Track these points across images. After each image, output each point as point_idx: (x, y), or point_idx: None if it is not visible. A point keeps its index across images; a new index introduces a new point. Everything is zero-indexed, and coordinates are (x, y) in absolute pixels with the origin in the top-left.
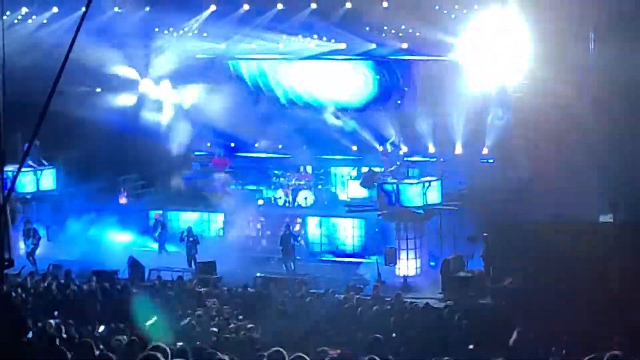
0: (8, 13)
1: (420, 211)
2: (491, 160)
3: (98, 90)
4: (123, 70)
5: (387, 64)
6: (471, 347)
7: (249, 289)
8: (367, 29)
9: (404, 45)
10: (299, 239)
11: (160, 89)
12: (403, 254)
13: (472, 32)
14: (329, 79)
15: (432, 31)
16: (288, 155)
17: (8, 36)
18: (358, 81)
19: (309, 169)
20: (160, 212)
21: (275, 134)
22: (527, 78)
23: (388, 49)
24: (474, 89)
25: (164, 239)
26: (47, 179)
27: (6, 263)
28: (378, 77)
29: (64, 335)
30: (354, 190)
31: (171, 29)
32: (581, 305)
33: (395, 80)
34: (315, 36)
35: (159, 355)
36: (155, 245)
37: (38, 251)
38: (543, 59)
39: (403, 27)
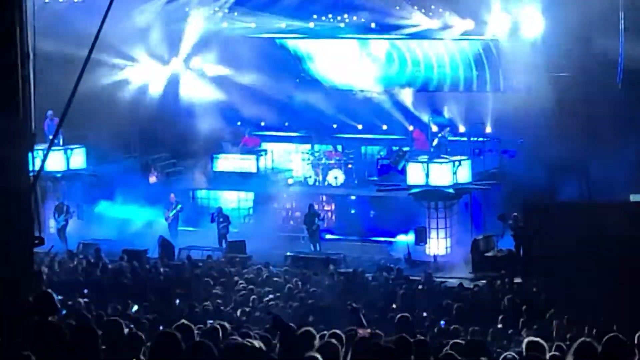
0: None
1: (451, 190)
2: (520, 140)
3: (129, 66)
4: (154, 49)
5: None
6: (500, 326)
7: (271, 267)
8: (397, 8)
9: (435, 24)
10: (322, 218)
11: (191, 67)
12: (433, 233)
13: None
14: (357, 59)
15: (461, 11)
16: (318, 134)
17: (39, 15)
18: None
19: (339, 147)
20: (173, 194)
21: (305, 112)
22: (557, 57)
23: (418, 28)
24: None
25: (175, 223)
26: (78, 158)
27: (36, 242)
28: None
29: (93, 314)
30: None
31: (201, 9)
32: (614, 284)
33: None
34: (345, 15)
35: (177, 334)
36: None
37: (68, 229)
38: (571, 40)
39: (433, 6)
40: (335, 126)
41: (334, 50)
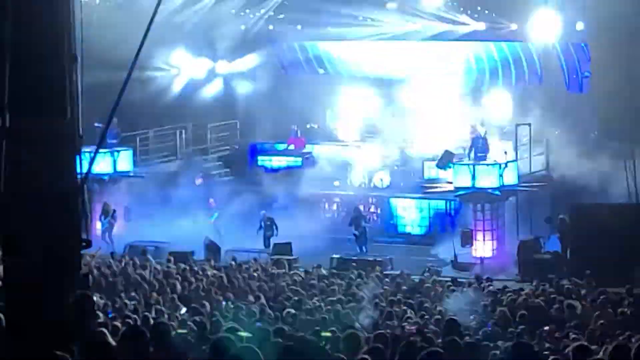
0: None
1: (497, 192)
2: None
3: (174, 72)
4: (200, 50)
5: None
6: (546, 328)
7: (322, 269)
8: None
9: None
10: (368, 220)
11: (238, 69)
12: (479, 236)
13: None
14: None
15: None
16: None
17: (87, 16)
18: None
19: (385, 149)
20: (212, 200)
21: (349, 116)
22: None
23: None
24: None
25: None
26: (124, 160)
27: (84, 244)
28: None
29: (140, 316)
30: (431, 171)
31: (247, 10)
32: None
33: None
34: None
35: (232, 337)
36: None
37: (115, 231)
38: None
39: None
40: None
41: (381, 52)
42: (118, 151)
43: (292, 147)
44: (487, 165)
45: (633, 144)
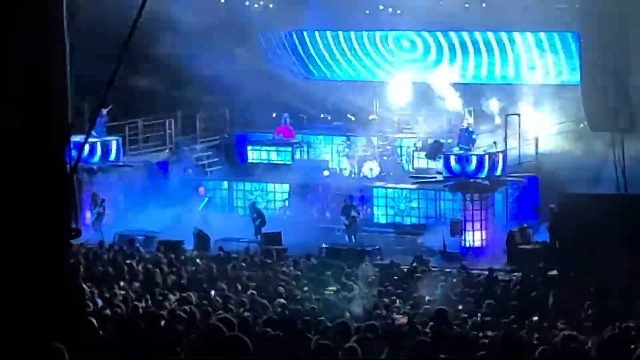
0: None
1: (486, 182)
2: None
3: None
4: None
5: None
6: (535, 318)
7: (312, 259)
8: None
9: None
10: (359, 210)
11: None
12: (469, 225)
13: None
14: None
15: None
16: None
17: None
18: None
19: (374, 139)
20: (202, 187)
21: (341, 104)
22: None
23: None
24: None
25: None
26: (114, 149)
27: (73, 233)
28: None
29: (130, 305)
30: (420, 162)
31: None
32: None
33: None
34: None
35: (222, 326)
36: None
37: (105, 221)
38: None
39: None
40: (370, 117)
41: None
42: (107, 140)
43: (280, 136)
44: (476, 155)
45: (621, 134)
